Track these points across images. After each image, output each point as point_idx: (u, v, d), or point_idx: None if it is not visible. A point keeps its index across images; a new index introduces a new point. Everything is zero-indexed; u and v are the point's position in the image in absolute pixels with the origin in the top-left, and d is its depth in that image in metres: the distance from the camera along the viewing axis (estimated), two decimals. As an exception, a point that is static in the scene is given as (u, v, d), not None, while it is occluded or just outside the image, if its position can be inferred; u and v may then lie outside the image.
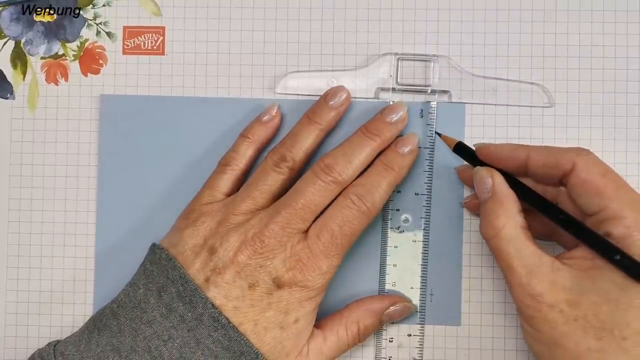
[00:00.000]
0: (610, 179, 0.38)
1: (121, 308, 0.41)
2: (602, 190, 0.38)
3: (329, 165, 0.42)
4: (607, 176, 0.38)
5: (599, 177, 0.38)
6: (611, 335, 0.35)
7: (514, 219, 0.39)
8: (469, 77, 0.46)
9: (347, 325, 0.43)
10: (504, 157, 0.41)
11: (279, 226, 0.41)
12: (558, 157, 0.39)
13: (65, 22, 0.48)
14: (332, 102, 0.44)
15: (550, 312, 0.37)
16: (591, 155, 0.39)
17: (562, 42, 0.46)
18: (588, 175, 0.38)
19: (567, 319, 0.36)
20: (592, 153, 0.39)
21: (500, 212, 0.39)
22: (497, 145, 0.42)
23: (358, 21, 0.47)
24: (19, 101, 0.48)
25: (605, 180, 0.38)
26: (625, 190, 0.38)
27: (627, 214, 0.37)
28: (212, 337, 0.40)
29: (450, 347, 0.46)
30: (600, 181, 0.38)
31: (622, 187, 0.38)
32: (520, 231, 0.39)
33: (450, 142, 0.44)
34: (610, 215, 0.37)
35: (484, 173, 0.41)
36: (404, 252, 0.45)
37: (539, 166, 0.40)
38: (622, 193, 0.37)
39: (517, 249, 0.38)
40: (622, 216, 0.37)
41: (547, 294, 0.37)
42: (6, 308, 0.47)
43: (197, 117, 0.47)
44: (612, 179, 0.38)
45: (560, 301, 0.37)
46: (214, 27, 0.47)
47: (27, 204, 0.47)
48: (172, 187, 0.47)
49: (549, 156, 0.40)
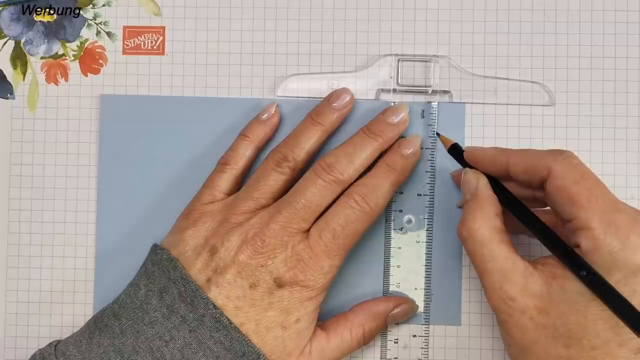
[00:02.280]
0: (583, 186, 0.37)
1: (122, 309, 0.41)
2: (574, 199, 0.36)
3: (331, 165, 0.42)
4: (580, 184, 0.37)
5: (572, 184, 0.37)
6: (580, 345, 0.35)
7: (490, 222, 0.39)
8: (469, 77, 0.46)
9: (352, 328, 0.43)
10: (487, 162, 0.41)
11: (280, 225, 0.41)
12: (535, 163, 0.38)
13: (65, 22, 0.48)
14: (335, 103, 0.44)
15: (521, 318, 0.37)
16: (568, 160, 0.38)
17: (562, 42, 0.46)
18: (562, 182, 0.37)
19: (537, 326, 0.36)
20: (570, 156, 0.38)
21: (478, 215, 0.39)
22: (482, 150, 0.42)
23: (358, 21, 0.47)
24: (19, 101, 0.48)
25: (577, 188, 0.37)
26: (597, 199, 0.36)
27: (595, 225, 0.36)
28: (214, 337, 0.40)
29: (450, 347, 0.46)
30: (572, 189, 0.37)
31: (594, 195, 0.36)
32: (495, 234, 0.38)
33: (447, 142, 0.44)
34: (579, 226, 0.36)
35: (470, 175, 0.41)
36: (408, 253, 0.45)
37: (518, 172, 0.39)
38: (593, 203, 0.36)
39: (491, 251, 0.38)
40: (591, 227, 0.36)
41: (518, 300, 0.37)
42: (6, 308, 0.47)
43: (197, 117, 0.47)
44: (586, 186, 0.37)
45: (530, 307, 0.36)
46: (214, 27, 0.47)
47: (27, 204, 0.47)
48: (172, 187, 0.47)
49: (527, 162, 0.39)
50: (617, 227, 0.35)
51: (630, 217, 0.36)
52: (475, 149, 0.42)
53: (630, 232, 0.35)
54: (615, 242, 0.35)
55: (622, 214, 0.36)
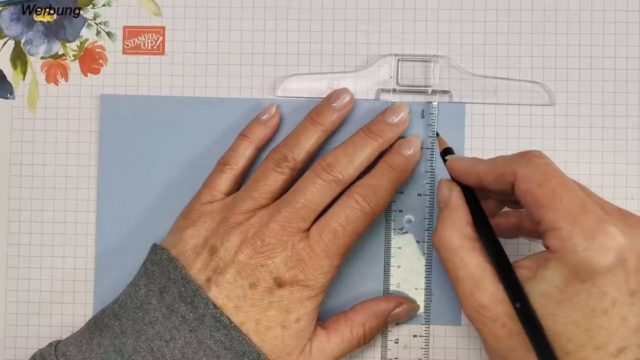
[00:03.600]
0: (546, 188, 0.36)
1: (123, 309, 0.41)
2: (539, 201, 0.36)
3: (330, 164, 0.42)
4: (543, 186, 0.36)
5: (536, 187, 0.36)
6: None
7: (461, 230, 0.38)
8: (469, 77, 0.46)
9: (353, 327, 0.43)
10: (462, 174, 0.41)
11: (279, 225, 0.41)
12: (501, 170, 0.38)
13: (65, 22, 0.48)
14: (335, 104, 0.44)
15: (494, 326, 0.36)
16: (533, 161, 0.37)
17: (562, 42, 0.46)
18: (526, 186, 0.36)
19: (511, 333, 0.36)
20: (535, 156, 0.37)
21: (448, 223, 0.39)
22: (459, 161, 0.41)
23: (358, 21, 0.47)
24: (19, 101, 0.48)
25: (541, 190, 0.36)
26: (561, 199, 0.35)
27: (561, 225, 0.35)
28: (214, 337, 0.40)
29: (450, 347, 0.46)
30: (537, 191, 0.36)
31: (558, 196, 0.36)
32: (466, 242, 0.38)
33: (441, 144, 0.43)
34: (546, 227, 0.36)
35: (443, 184, 0.41)
36: (408, 253, 0.45)
37: (490, 182, 0.39)
38: (557, 204, 0.35)
39: (462, 259, 0.38)
40: (557, 227, 0.35)
41: (489, 307, 0.36)
42: (6, 308, 0.47)
43: (197, 117, 0.47)
44: (549, 187, 0.36)
45: (501, 314, 0.36)
46: (214, 27, 0.47)
47: (27, 204, 0.47)
48: (172, 187, 0.47)
49: (495, 170, 0.38)
50: (583, 227, 0.35)
51: (596, 217, 0.35)
52: (455, 160, 0.41)
53: (597, 232, 0.34)
54: (581, 242, 0.34)
55: (588, 214, 0.35)
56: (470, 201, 0.40)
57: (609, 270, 0.34)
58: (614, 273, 0.34)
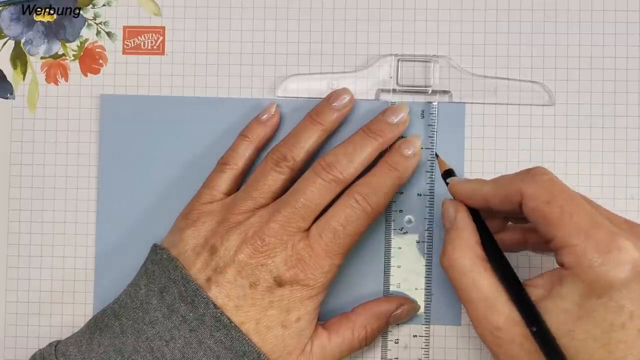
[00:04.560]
0: (554, 205, 0.36)
1: (123, 309, 0.41)
2: (548, 219, 0.36)
3: (330, 164, 0.42)
4: (551, 203, 0.36)
5: (544, 205, 0.36)
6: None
7: (471, 250, 0.38)
8: (469, 77, 0.46)
9: (354, 329, 0.43)
10: (466, 198, 0.40)
11: (279, 225, 0.41)
12: (507, 190, 0.38)
13: (65, 22, 0.48)
14: (335, 103, 0.44)
15: (511, 347, 0.36)
16: (537, 178, 0.37)
17: (562, 42, 0.46)
18: (534, 204, 0.36)
19: (529, 352, 0.35)
20: (539, 173, 0.38)
21: (457, 243, 0.38)
22: (463, 184, 0.41)
23: (358, 21, 0.47)
24: (19, 101, 0.48)
25: (550, 207, 0.36)
26: (570, 216, 0.36)
27: (575, 242, 0.35)
28: (214, 337, 0.40)
29: (450, 347, 0.46)
30: (545, 209, 0.36)
31: (567, 213, 0.36)
32: (477, 262, 0.38)
33: (442, 166, 0.43)
34: (559, 245, 0.36)
35: (448, 204, 0.41)
36: (408, 253, 0.45)
37: (497, 203, 0.39)
38: (567, 220, 0.35)
39: (474, 280, 0.37)
40: (571, 244, 0.35)
41: (505, 330, 0.36)
42: (6, 308, 0.47)
43: (197, 117, 0.47)
44: (557, 204, 0.36)
45: (518, 335, 0.36)
46: (214, 27, 0.47)
47: (27, 204, 0.47)
48: (172, 187, 0.47)
49: (500, 191, 0.38)
50: (597, 243, 0.35)
51: (608, 231, 0.35)
52: (457, 182, 0.41)
53: (611, 247, 0.34)
54: (596, 257, 0.34)
55: (599, 228, 0.35)
56: (476, 221, 0.40)
57: (624, 284, 0.34)
58: (630, 286, 0.34)
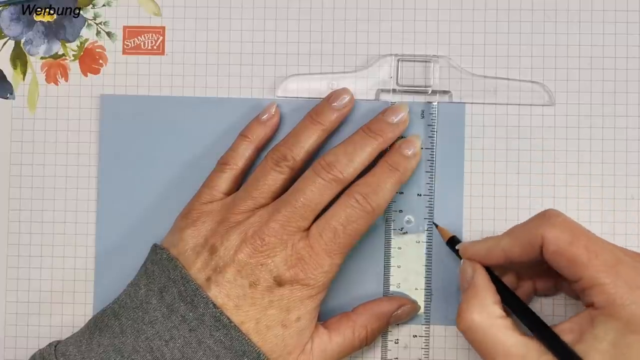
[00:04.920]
0: (578, 246, 0.36)
1: (123, 308, 0.41)
2: (574, 260, 0.36)
3: (330, 164, 0.42)
4: (574, 243, 0.37)
5: (568, 246, 0.37)
6: None
7: (488, 309, 0.38)
8: (469, 77, 0.46)
9: (355, 329, 0.43)
10: (483, 257, 0.41)
11: (279, 224, 0.41)
12: (526, 237, 0.38)
13: (65, 22, 0.48)
14: (335, 103, 0.44)
15: None
16: (553, 220, 0.38)
17: (562, 42, 0.46)
18: (557, 247, 0.37)
19: None
20: (554, 215, 0.38)
21: (473, 303, 0.39)
22: (475, 245, 0.41)
23: (358, 21, 0.47)
24: (19, 101, 0.48)
25: (574, 248, 0.36)
26: (596, 255, 0.36)
27: (605, 280, 0.35)
28: (214, 337, 0.40)
29: (450, 347, 0.46)
30: (570, 250, 0.37)
31: (592, 252, 0.36)
32: (499, 322, 0.38)
33: (445, 235, 0.44)
34: (588, 284, 0.36)
35: (467, 265, 0.41)
36: (408, 253, 0.45)
37: (517, 254, 0.39)
38: (593, 259, 0.36)
39: (497, 337, 0.37)
40: (601, 283, 0.35)
41: None
42: (6, 308, 0.47)
43: (197, 117, 0.47)
44: (581, 245, 0.37)
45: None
46: (214, 27, 0.47)
47: (27, 204, 0.47)
48: (172, 187, 0.47)
49: (519, 240, 0.39)
50: (625, 280, 0.35)
51: (632, 267, 0.36)
52: (468, 246, 0.42)
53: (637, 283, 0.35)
54: (628, 294, 0.35)
55: (624, 265, 0.36)
56: (493, 280, 0.40)
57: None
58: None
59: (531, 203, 0.46)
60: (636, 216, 0.45)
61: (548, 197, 0.46)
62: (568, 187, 0.46)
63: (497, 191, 0.46)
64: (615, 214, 0.45)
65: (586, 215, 0.45)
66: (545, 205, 0.45)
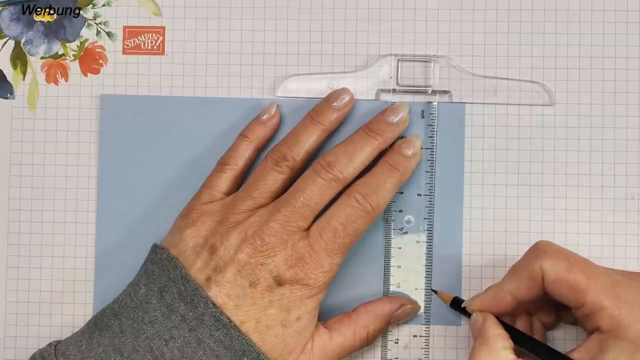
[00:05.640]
0: (576, 271, 0.38)
1: (122, 308, 0.41)
2: (574, 286, 0.37)
3: (330, 163, 0.42)
4: (572, 270, 0.38)
5: (566, 273, 0.38)
6: None
7: (499, 357, 0.39)
8: (469, 77, 0.46)
9: (356, 329, 0.43)
10: (491, 307, 0.41)
11: (279, 224, 0.41)
12: (526, 272, 0.39)
13: (65, 22, 0.48)
14: (335, 103, 0.44)
15: None
16: (548, 250, 0.39)
17: (562, 42, 0.46)
18: (556, 275, 0.38)
19: None
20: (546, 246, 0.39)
21: (483, 351, 0.39)
22: (480, 298, 0.42)
23: (358, 21, 0.47)
24: (19, 101, 0.48)
25: (572, 274, 0.38)
26: (595, 277, 0.37)
27: (606, 303, 0.36)
28: (214, 336, 0.40)
29: (450, 347, 0.46)
30: (569, 277, 0.38)
31: (591, 275, 0.37)
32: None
33: (447, 298, 0.44)
34: (591, 309, 0.37)
35: (477, 315, 0.41)
36: (408, 253, 0.45)
37: (524, 292, 0.40)
38: (594, 284, 0.37)
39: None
40: (603, 307, 0.36)
41: None
42: (6, 308, 0.47)
43: (197, 117, 0.47)
44: (578, 270, 0.38)
45: None
46: (214, 27, 0.47)
47: (27, 204, 0.47)
48: (172, 187, 0.47)
49: (520, 278, 0.39)
50: (626, 300, 0.36)
51: (630, 286, 0.37)
52: (473, 300, 0.42)
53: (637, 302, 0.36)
54: (630, 314, 0.36)
55: (621, 285, 0.37)
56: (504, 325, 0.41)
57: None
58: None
59: (531, 203, 0.46)
60: (636, 216, 0.45)
61: (548, 197, 0.46)
62: (568, 187, 0.46)
63: (497, 191, 0.46)
64: (615, 214, 0.45)
65: (586, 215, 0.45)
66: (545, 205, 0.46)
